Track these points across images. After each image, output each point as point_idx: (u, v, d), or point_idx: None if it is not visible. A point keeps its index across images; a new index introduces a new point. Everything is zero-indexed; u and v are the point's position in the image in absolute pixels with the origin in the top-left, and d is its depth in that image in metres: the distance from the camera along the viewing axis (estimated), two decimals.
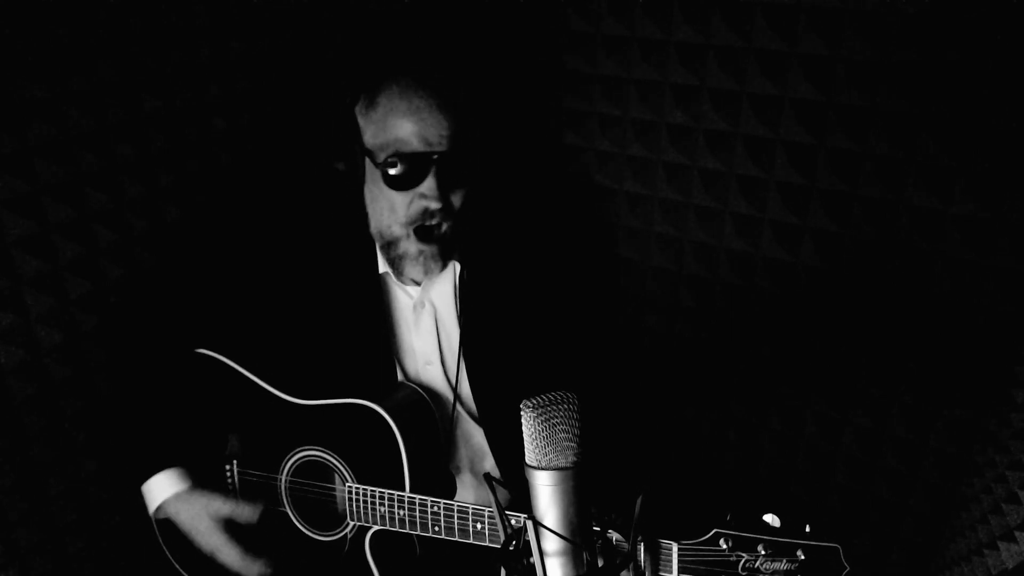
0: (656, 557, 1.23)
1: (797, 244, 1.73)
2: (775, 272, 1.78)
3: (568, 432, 1.00)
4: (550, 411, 0.99)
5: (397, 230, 1.49)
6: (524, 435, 1.01)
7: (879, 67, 1.51)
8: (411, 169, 1.43)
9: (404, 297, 1.64)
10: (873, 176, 1.59)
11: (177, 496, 1.54)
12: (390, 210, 1.48)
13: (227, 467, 1.64)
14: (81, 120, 1.50)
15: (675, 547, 1.22)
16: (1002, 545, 1.42)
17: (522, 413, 1.00)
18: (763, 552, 1.17)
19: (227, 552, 1.52)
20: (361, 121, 1.47)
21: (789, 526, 1.17)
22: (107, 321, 1.63)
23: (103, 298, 1.61)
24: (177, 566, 1.68)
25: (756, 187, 1.73)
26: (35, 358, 1.52)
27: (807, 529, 1.16)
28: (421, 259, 1.50)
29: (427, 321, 1.64)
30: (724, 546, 1.18)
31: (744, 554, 1.18)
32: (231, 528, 1.54)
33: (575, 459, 1.00)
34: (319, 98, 1.78)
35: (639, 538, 1.19)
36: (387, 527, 1.50)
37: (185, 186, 1.73)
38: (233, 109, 1.79)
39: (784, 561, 1.16)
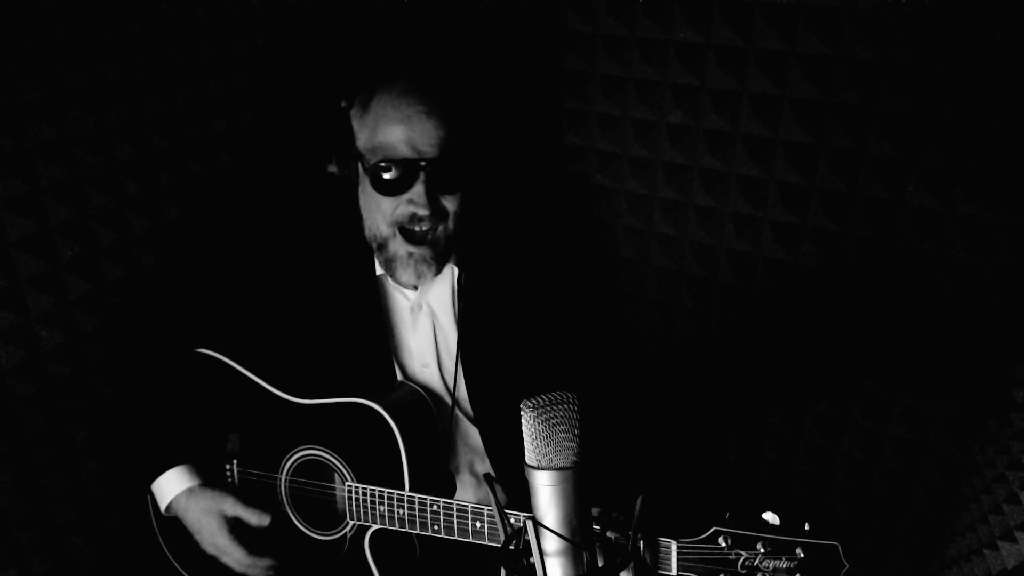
0: (655, 555, 1.23)
1: (797, 244, 1.73)
2: (775, 272, 1.78)
3: (568, 432, 1.00)
4: (550, 411, 0.99)
5: (385, 229, 1.49)
6: (524, 435, 1.01)
7: (879, 67, 1.51)
8: (399, 175, 1.43)
9: (402, 299, 1.64)
10: (873, 176, 1.59)
11: (188, 492, 1.54)
12: (378, 211, 1.48)
13: (227, 466, 1.64)
14: (81, 120, 1.50)
15: (674, 545, 1.22)
16: (1002, 545, 1.42)
17: (522, 413, 1.00)
18: (762, 550, 1.17)
19: (232, 553, 1.53)
20: (355, 125, 1.48)
21: (788, 524, 1.18)
22: (108, 321, 1.63)
23: (103, 298, 1.61)
24: (177, 566, 1.68)
25: (756, 187, 1.73)
26: (35, 358, 1.52)
27: (806, 527, 1.17)
28: (412, 262, 1.50)
29: (424, 324, 1.64)
30: (723, 544, 1.19)
31: (743, 552, 1.18)
32: (236, 529, 1.54)
33: (575, 459, 1.00)
34: (314, 100, 1.78)
35: (640, 537, 1.19)
36: (387, 526, 1.50)
37: (185, 186, 1.73)
38: (233, 109, 1.79)
39: (783, 559, 1.17)
